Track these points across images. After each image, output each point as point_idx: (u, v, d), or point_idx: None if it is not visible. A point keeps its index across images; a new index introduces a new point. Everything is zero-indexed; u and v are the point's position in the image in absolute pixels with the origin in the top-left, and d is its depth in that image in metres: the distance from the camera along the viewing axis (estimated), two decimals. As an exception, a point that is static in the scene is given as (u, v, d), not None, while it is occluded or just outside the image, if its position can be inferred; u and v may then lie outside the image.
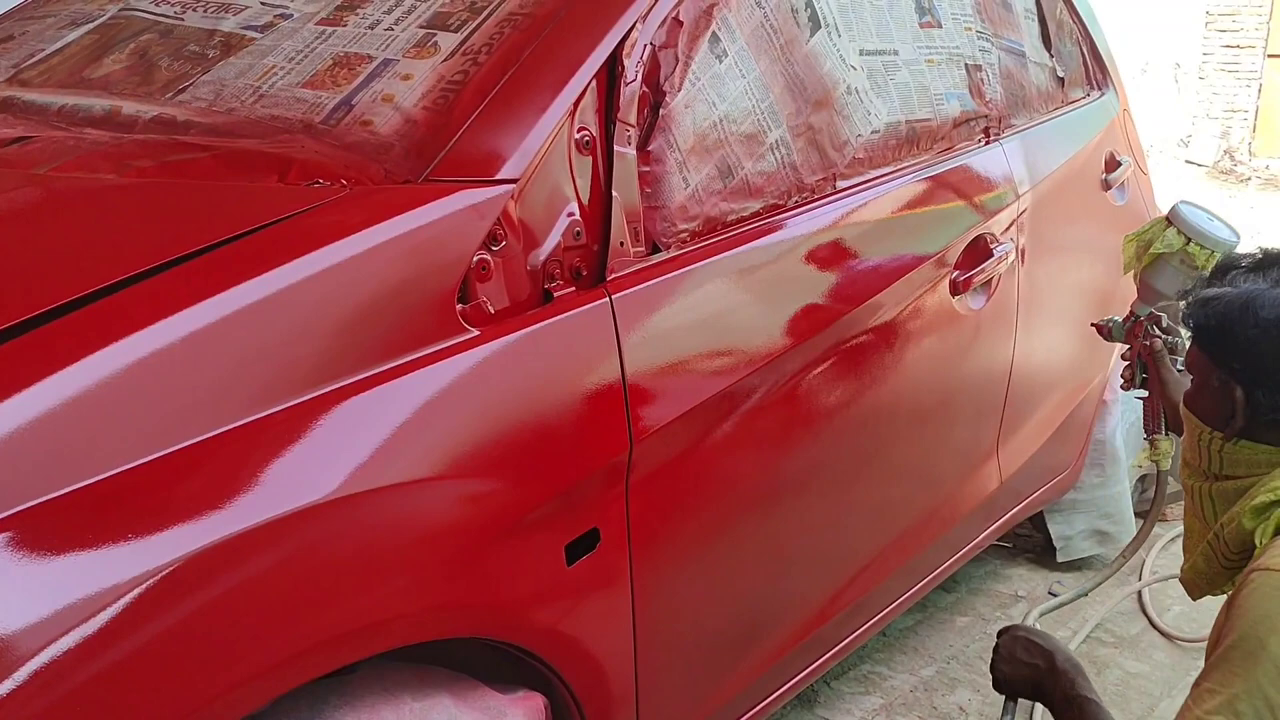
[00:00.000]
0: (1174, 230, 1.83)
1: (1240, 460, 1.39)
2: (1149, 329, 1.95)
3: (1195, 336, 1.43)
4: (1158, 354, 1.91)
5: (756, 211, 1.62)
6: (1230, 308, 1.36)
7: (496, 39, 1.41)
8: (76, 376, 0.95)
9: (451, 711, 1.21)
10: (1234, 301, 1.36)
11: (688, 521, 1.52)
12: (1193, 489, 1.47)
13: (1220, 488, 1.40)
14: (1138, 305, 1.97)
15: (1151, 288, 1.89)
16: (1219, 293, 1.39)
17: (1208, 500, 1.43)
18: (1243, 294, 1.36)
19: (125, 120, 1.43)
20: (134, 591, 0.91)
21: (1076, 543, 2.90)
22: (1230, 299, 1.37)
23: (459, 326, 1.20)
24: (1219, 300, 1.38)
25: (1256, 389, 1.35)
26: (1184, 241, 1.81)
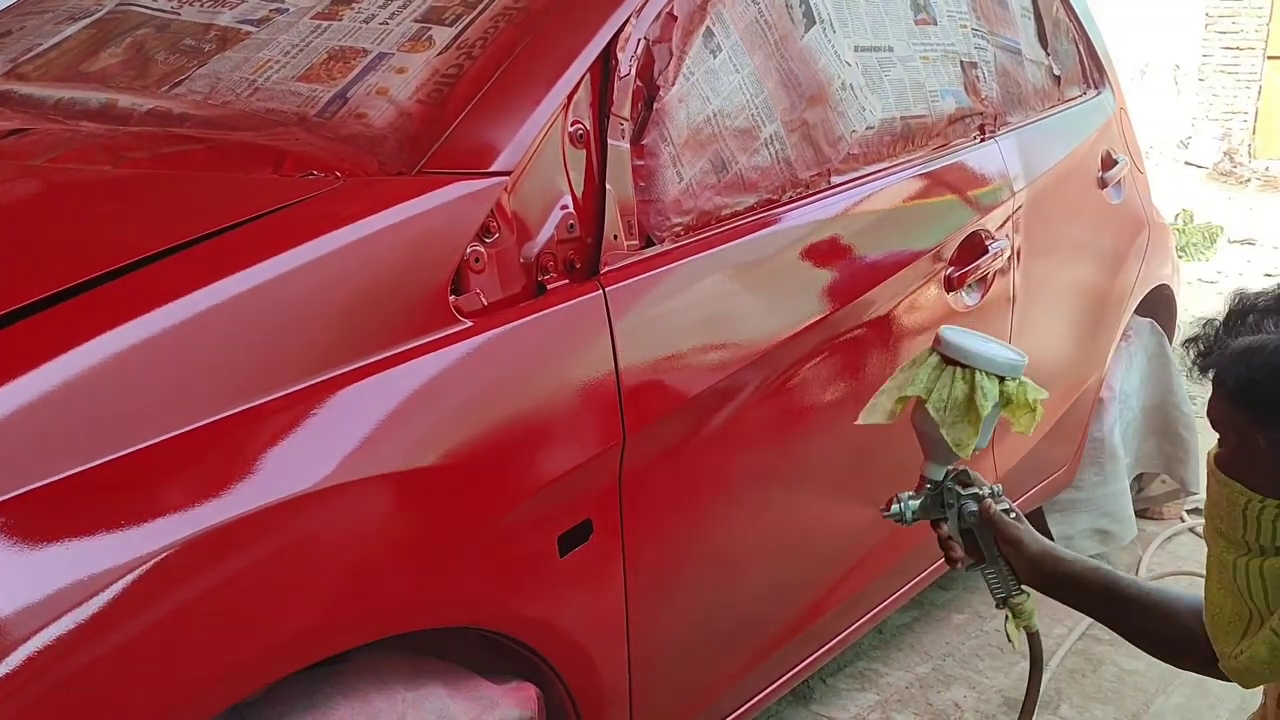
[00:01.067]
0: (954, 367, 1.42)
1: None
2: (955, 492, 1.48)
3: (1236, 394, 1.20)
4: (992, 517, 1.46)
5: (751, 206, 1.62)
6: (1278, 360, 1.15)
7: (491, 33, 1.42)
8: (69, 365, 0.96)
9: (444, 701, 1.21)
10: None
11: (681, 513, 1.52)
12: (1230, 564, 1.23)
13: (1275, 564, 1.19)
14: (931, 469, 1.48)
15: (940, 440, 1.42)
16: (1259, 341, 1.18)
17: (1256, 578, 1.21)
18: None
19: (121, 113, 1.43)
20: (127, 578, 0.92)
21: (1078, 541, 2.90)
22: (1276, 350, 1.16)
23: (452, 318, 1.21)
24: (1261, 351, 1.17)
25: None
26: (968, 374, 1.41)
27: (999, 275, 2.19)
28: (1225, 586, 1.24)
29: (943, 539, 1.51)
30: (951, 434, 1.41)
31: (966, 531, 1.49)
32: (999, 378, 1.41)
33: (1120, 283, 2.78)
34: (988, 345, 1.44)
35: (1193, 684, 2.35)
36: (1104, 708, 2.34)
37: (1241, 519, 1.21)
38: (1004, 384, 1.41)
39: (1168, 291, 3.10)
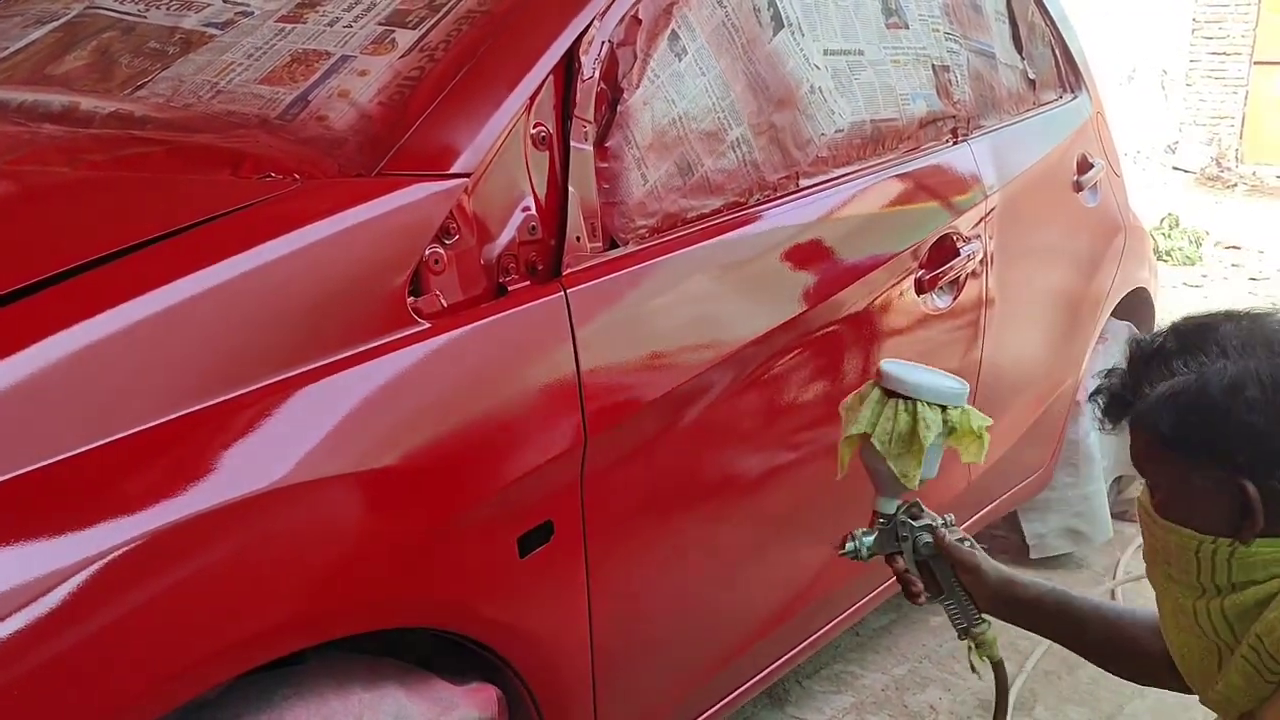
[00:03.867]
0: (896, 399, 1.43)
1: (1257, 563, 1.16)
2: (909, 525, 1.49)
3: (1171, 438, 1.19)
4: (947, 547, 1.47)
5: (717, 209, 1.63)
6: (1209, 398, 1.15)
7: (454, 36, 1.42)
8: (23, 363, 0.96)
9: (401, 702, 1.21)
10: (1209, 390, 1.15)
11: (645, 514, 1.52)
12: (1190, 609, 1.22)
13: (1235, 601, 1.17)
14: (882, 504, 1.49)
15: (888, 473, 1.43)
16: (1181, 384, 1.18)
17: (1219, 618, 1.19)
18: (1213, 379, 1.16)
19: (83, 116, 1.43)
20: (79, 576, 0.92)
21: (1050, 540, 2.92)
22: (1203, 388, 1.16)
23: (410, 319, 1.21)
24: (1187, 393, 1.17)
25: (1270, 479, 1.13)
26: (910, 405, 1.41)
27: (971, 278, 2.20)
28: (1188, 630, 1.23)
29: (899, 573, 1.51)
30: (898, 466, 1.42)
31: (923, 564, 1.50)
32: (941, 407, 1.42)
33: (1096, 285, 2.79)
34: (928, 375, 1.45)
35: (1166, 685, 2.36)
36: (1078, 709, 2.34)
37: (1195, 563, 1.19)
38: (947, 413, 1.42)
39: (1145, 294, 3.11)
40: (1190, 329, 1.23)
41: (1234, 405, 1.13)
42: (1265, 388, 1.13)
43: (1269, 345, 1.17)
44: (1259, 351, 1.16)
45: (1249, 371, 1.15)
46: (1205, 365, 1.17)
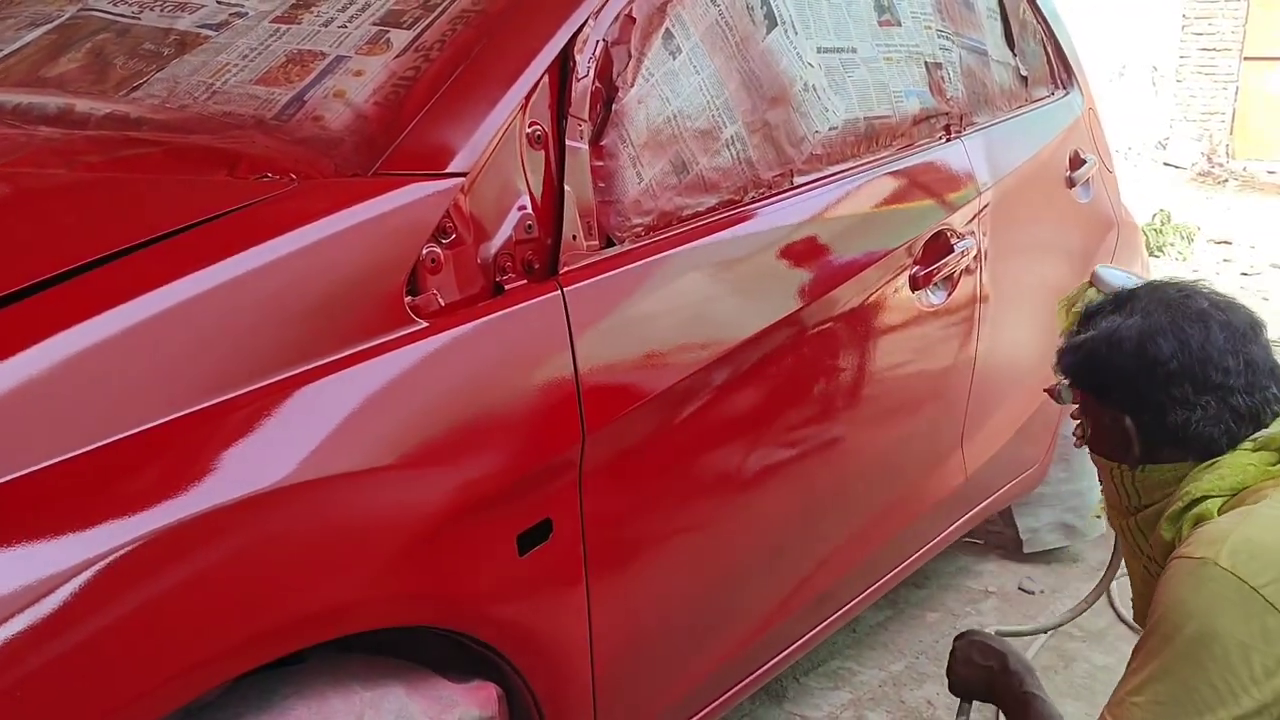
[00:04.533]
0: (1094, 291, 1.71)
1: (1151, 485, 1.42)
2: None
3: (1074, 381, 1.49)
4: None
5: (712, 206, 1.63)
6: (1096, 345, 1.42)
7: (449, 35, 1.43)
8: (23, 364, 0.96)
9: (402, 701, 1.21)
10: (1099, 340, 1.42)
11: (644, 513, 1.53)
12: (1121, 528, 1.50)
13: (1142, 517, 1.44)
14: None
15: None
16: (1084, 338, 1.45)
17: (1137, 534, 1.46)
18: (1103, 332, 1.42)
19: (78, 117, 1.43)
20: (79, 577, 0.92)
21: (1043, 535, 2.93)
22: (1095, 338, 1.43)
23: (407, 318, 1.21)
24: (1086, 343, 1.44)
25: (1141, 414, 1.39)
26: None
27: (965, 274, 2.21)
28: (1130, 552, 1.50)
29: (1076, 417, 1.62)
30: None
31: None
32: None
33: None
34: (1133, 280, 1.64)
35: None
36: (1075, 703, 2.35)
37: (1113, 488, 1.48)
38: None
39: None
40: (1126, 293, 1.48)
41: (1112, 353, 1.40)
42: (1135, 339, 1.38)
43: (1165, 304, 1.41)
44: (1154, 310, 1.40)
45: (1131, 325, 1.40)
46: (1113, 320, 1.43)
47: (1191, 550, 1.26)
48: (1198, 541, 1.27)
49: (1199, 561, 1.23)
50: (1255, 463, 1.34)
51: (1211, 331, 1.37)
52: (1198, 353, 1.36)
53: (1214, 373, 1.36)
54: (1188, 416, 1.36)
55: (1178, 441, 1.38)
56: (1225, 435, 1.36)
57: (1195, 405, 1.36)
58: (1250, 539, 1.23)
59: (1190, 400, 1.36)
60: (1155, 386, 1.37)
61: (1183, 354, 1.36)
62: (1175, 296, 1.43)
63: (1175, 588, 1.24)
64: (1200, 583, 1.22)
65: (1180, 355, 1.36)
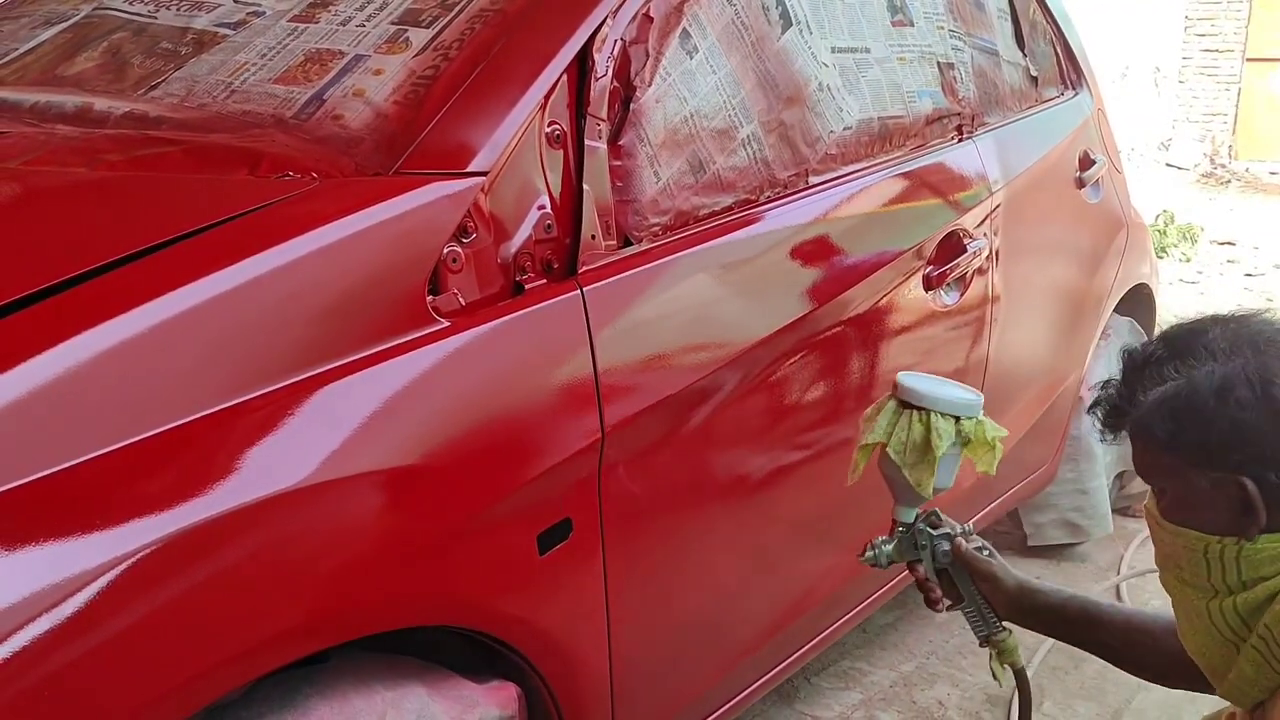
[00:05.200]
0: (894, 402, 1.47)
1: (1264, 559, 1.18)
2: (927, 534, 1.52)
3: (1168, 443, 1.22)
4: (965, 556, 1.50)
5: (728, 206, 1.63)
6: (1200, 400, 1.18)
7: (467, 34, 1.43)
8: (47, 364, 0.96)
9: (424, 700, 1.22)
10: (1200, 392, 1.19)
11: (662, 512, 1.53)
12: (1204, 610, 1.24)
13: (1247, 598, 1.20)
14: (901, 512, 1.52)
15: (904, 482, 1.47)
16: (1171, 391, 1.21)
17: (1233, 615, 1.21)
18: (1202, 381, 1.19)
19: (97, 116, 1.43)
20: (104, 577, 0.92)
21: (1047, 530, 2.94)
22: (1193, 391, 1.19)
23: (429, 318, 1.21)
24: (1178, 397, 1.20)
25: (1268, 473, 1.16)
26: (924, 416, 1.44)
27: (978, 274, 2.21)
28: (1203, 631, 1.25)
29: (920, 581, 1.55)
30: (913, 475, 1.45)
31: (942, 572, 1.54)
32: (955, 418, 1.45)
33: (1099, 282, 2.80)
34: (942, 387, 1.49)
35: (1174, 679, 2.37)
36: (1086, 704, 2.35)
37: (1204, 564, 1.22)
38: (961, 423, 1.45)
39: (1147, 290, 3.13)
40: (1179, 335, 1.26)
41: (1224, 405, 1.16)
42: (1253, 385, 1.16)
43: (1254, 344, 1.20)
44: (1245, 351, 1.19)
45: (1236, 371, 1.17)
46: (1195, 369, 1.20)
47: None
48: None
49: None
50: None
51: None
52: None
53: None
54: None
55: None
56: None
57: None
58: None
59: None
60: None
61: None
62: (1268, 331, 1.22)
63: None
64: None
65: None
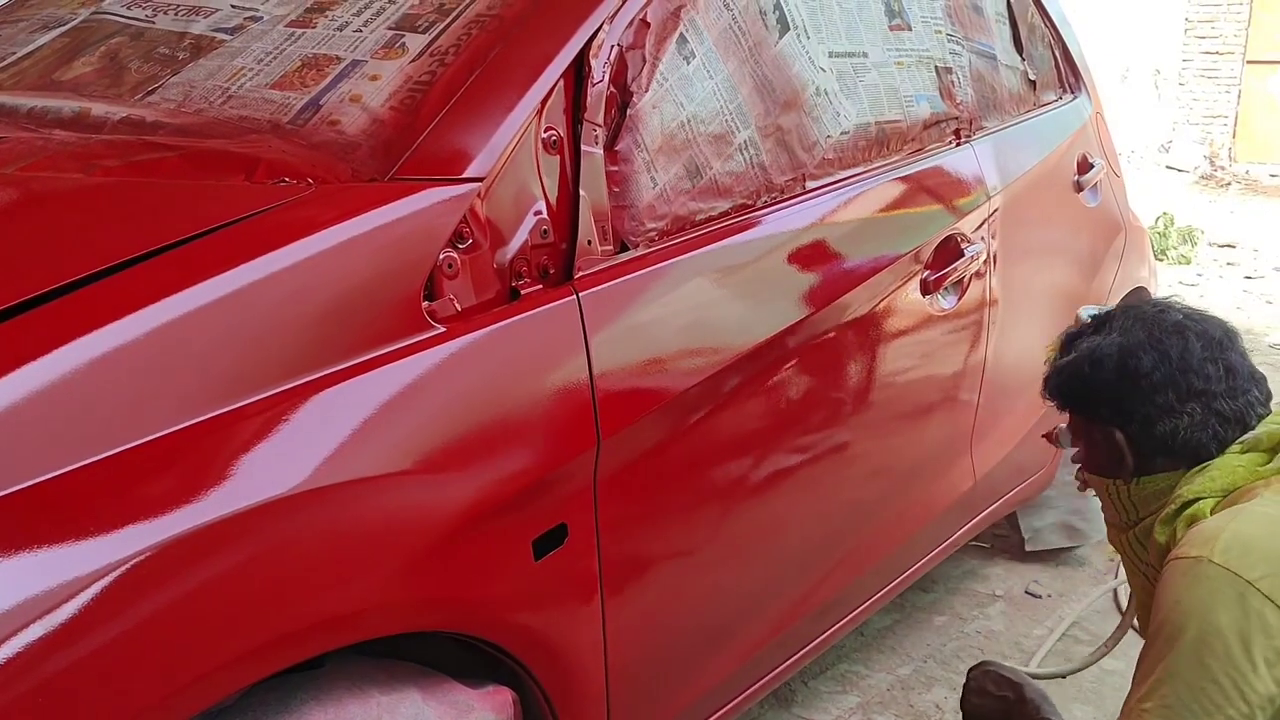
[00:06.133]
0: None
1: (1146, 497, 1.46)
2: None
3: (1062, 403, 1.55)
4: None
5: (725, 211, 1.63)
6: (1080, 366, 1.49)
7: (464, 40, 1.43)
8: (42, 370, 0.96)
9: (419, 706, 1.21)
10: (1081, 360, 1.49)
11: (658, 517, 1.53)
12: (1122, 545, 1.53)
13: (1140, 529, 1.48)
14: None
15: None
16: (1067, 360, 1.53)
17: (1137, 546, 1.50)
18: (1085, 352, 1.49)
19: (94, 121, 1.43)
20: (99, 583, 0.92)
21: (1045, 535, 2.94)
22: (1077, 360, 1.50)
23: (425, 324, 1.21)
24: (1069, 365, 1.51)
25: (1130, 426, 1.44)
26: None
27: (976, 278, 2.21)
28: (1130, 566, 1.53)
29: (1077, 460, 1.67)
30: None
31: None
32: None
33: (1097, 285, 2.80)
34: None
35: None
36: (1084, 708, 2.35)
37: (1111, 504, 1.52)
38: None
39: (1146, 294, 3.13)
40: (1104, 315, 1.55)
41: (1096, 370, 1.46)
42: (1115, 355, 1.45)
43: (1141, 321, 1.47)
44: (1134, 328, 1.47)
45: (1111, 343, 1.46)
46: (1093, 341, 1.50)
47: (1185, 550, 1.28)
48: (1191, 541, 1.29)
49: (1193, 560, 1.25)
50: (1244, 464, 1.38)
51: (1189, 341, 1.43)
52: (1178, 362, 1.42)
53: (1195, 380, 1.41)
54: (1175, 424, 1.42)
55: (1168, 450, 1.43)
56: (1214, 440, 1.41)
57: (1181, 413, 1.41)
58: (1242, 534, 1.25)
59: (1176, 408, 1.41)
60: (1141, 398, 1.43)
61: (1164, 364, 1.42)
62: (1150, 312, 1.49)
63: (1172, 588, 1.26)
64: (1195, 581, 1.24)
65: (1162, 366, 1.42)
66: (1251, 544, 1.24)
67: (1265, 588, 1.20)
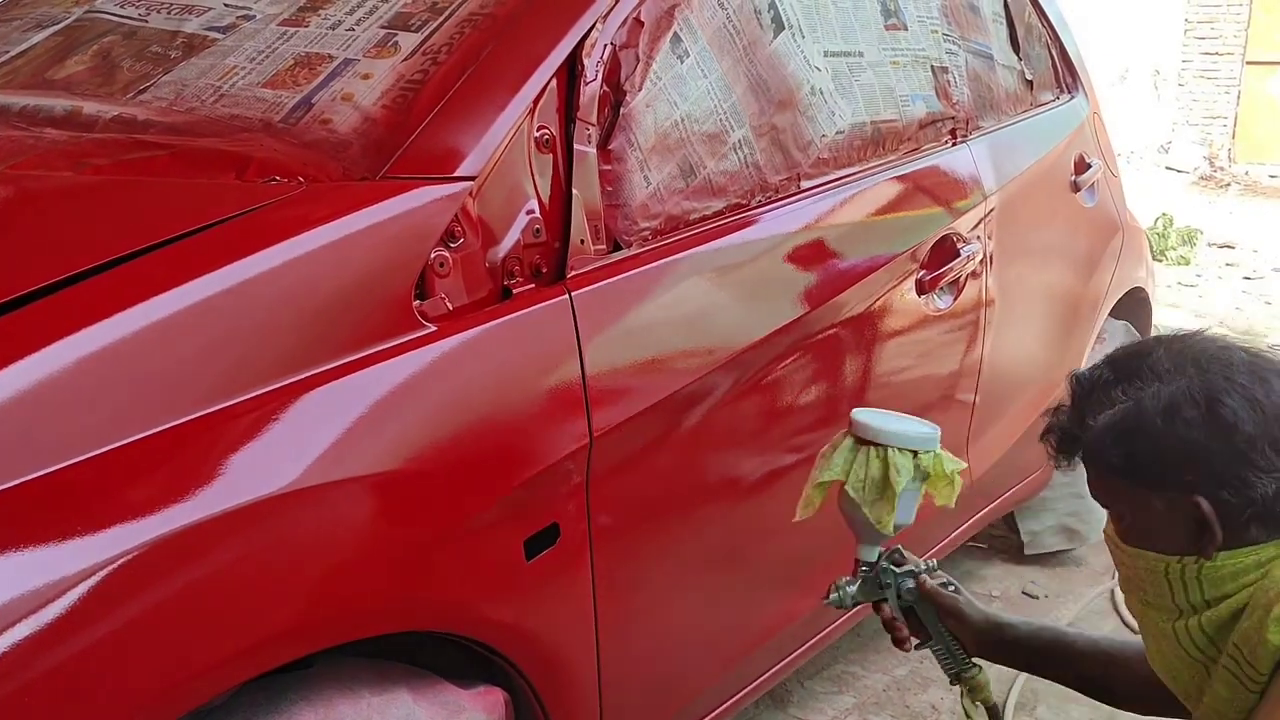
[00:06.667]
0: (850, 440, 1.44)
1: (1225, 576, 1.18)
2: (891, 571, 1.50)
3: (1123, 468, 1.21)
4: (931, 592, 1.49)
5: (719, 210, 1.63)
6: (1147, 422, 1.18)
7: (457, 38, 1.42)
8: (33, 368, 0.96)
9: (410, 706, 1.21)
10: (1147, 415, 1.18)
11: (651, 516, 1.52)
12: (1170, 631, 1.24)
13: (1211, 616, 1.20)
14: (864, 551, 1.50)
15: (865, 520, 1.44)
16: (1119, 414, 1.20)
17: (1199, 635, 1.22)
18: (1149, 403, 1.18)
19: (86, 120, 1.43)
20: (89, 581, 0.92)
21: (1044, 537, 2.93)
22: (1140, 414, 1.18)
23: (415, 322, 1.21)
24: (1126, 420, 1.19)
25: (1220, 491, 1.16)
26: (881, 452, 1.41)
27: (972, 278, 2.20)
28: (1172, 653, 1.26)
29: (886, 620, 1.53)
30: (873, 512, 1.42)
31: (908, 610, 1.51)
32: (912, 452, 1.42)
33: (1094, 286, 2.79)
34: (898, 422, 1.45)
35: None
36: (1080, 708, 2.34)
37: (1166, 585, 1.22)
38: (919, 458, 1.43)
39: (1143, 294, 3.12)
40: (1124, 358, 1.26)
41: (1172, 426, 1.16)
42: (1198, 404, 1.16)
43: (1197, 363, 1.19)
44: (1189, 370, 1.19)
45: (1181, 391, 1.17)
46: (1141, 390, 1.19)
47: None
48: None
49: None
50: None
51: (1272, 384, 1.17)
52: (1270, 409, 1.16)
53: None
54: (1275, 486, 1.15)
55: (1263, 518, 1.16)
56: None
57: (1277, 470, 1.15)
58: None
59: (1275, 465, 1.15)
60: (1234, 455, 1.15)
61: (1255, 412, 1.15)
62: (1210, 349, 1.22)
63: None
64: None
65: (1254, 414, 1.15)
66: None
67: None
